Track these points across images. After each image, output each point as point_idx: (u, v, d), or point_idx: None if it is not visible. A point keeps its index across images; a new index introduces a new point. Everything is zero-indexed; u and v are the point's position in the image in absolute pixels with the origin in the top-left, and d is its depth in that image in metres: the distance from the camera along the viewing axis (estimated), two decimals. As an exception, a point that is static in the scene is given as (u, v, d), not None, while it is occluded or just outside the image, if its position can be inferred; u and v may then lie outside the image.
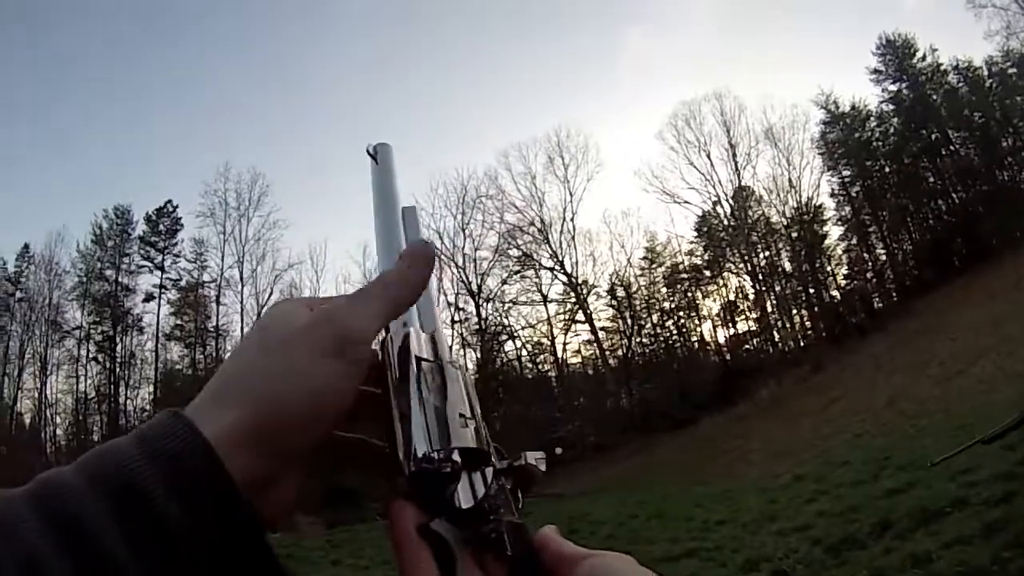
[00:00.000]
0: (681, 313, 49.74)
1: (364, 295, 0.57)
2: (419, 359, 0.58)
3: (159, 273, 48.12)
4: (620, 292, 48.47)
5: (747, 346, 47.94)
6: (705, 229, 49.30)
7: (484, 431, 0.56)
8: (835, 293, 47.46)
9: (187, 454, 0.44)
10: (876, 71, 47.69)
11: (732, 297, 49.10)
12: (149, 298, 47.82)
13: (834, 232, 48.52)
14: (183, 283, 48.56)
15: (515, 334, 47.43)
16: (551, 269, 47.00)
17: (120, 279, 47.35)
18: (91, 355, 46.03)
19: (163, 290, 48.00)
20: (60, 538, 0.39)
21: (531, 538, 0.51)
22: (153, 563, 0.40)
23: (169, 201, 49.50)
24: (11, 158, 59.96)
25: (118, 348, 46.39)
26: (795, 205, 46.12)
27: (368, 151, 0.73)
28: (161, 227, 49.01)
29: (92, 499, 0.41)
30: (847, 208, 48.04)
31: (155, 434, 0.46)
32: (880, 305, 44.81)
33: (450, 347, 0.62)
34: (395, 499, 0.50)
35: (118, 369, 46.20)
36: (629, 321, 48.00)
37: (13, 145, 59.85)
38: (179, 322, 48.18)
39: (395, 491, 0.52)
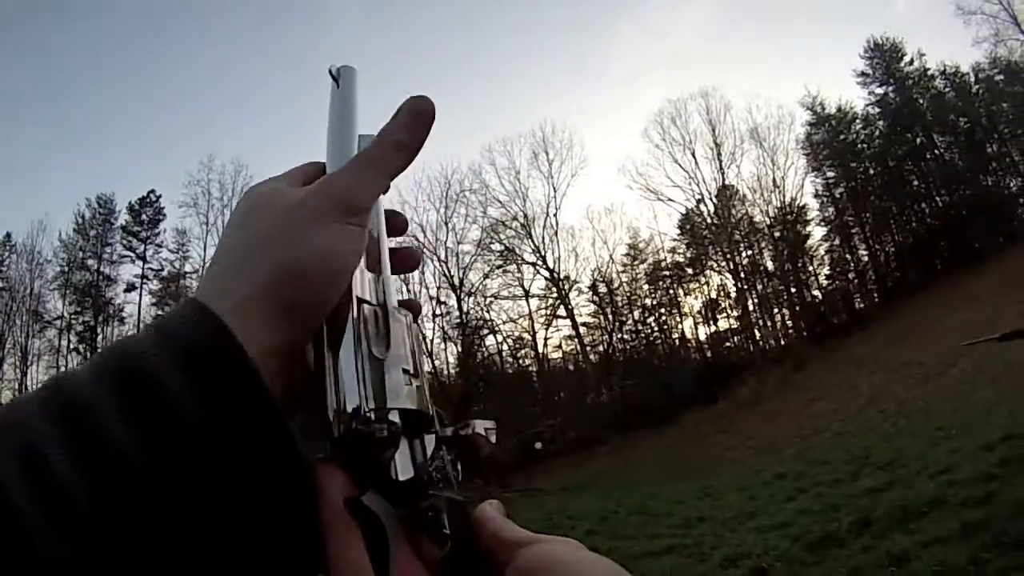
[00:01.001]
0: (663, 310, 49.81)
1: (363, 162, 0.54)
2: (360, 300, 0.51)
3: (141, 263, 47.87)
4: (602, 288, 48.46)
5: (728, 344, 48.10)
6: (688, 227, 49.38)
7: (427, 392, 0.50)
8: (817, 293, 47.68)
9: (200, 336, 0.42)
10: (863, 74, 47.96)
11: (714, 295, 49.21)
12: (131, 288, 47.54)
13: (817, 233, 48.80)
14: (165, 273, 48.30)
15: (496, 328, 47.38)
16: (533, 264, 46.99)
17: (102, 269, 47.06)
18: (72, 345, 45.65)
19: (145, 280, 47.73)
20: (62, 429, 0.38)
21: (471, 517, 0.46)
22: (161, 450, 0.38)
23: (152, 191, 49.21)
24: (-8, 143, 59.53)
25: (99, 338, 46.04)
26: (779, 205, 46.33)
27: (331, 72, 0.64)
28: (144, 217, 48.68)
29: (98, 388, 0.39)
30: (831, 209, 48.26)
31: (169, 322, 0.43)
32: (862, 306, 45.01)
33: (399, 295, 0.56)
34: (322, 463, 0.44)
35: (99, 359, 45.84)
36: (611, 317, 48.00)
37: (-6, 132, 59.31)
38: (160, 312, 47.66)
39: (321, 453, 0.45)
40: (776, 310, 46.96)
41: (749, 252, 47.30)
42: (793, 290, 45.89)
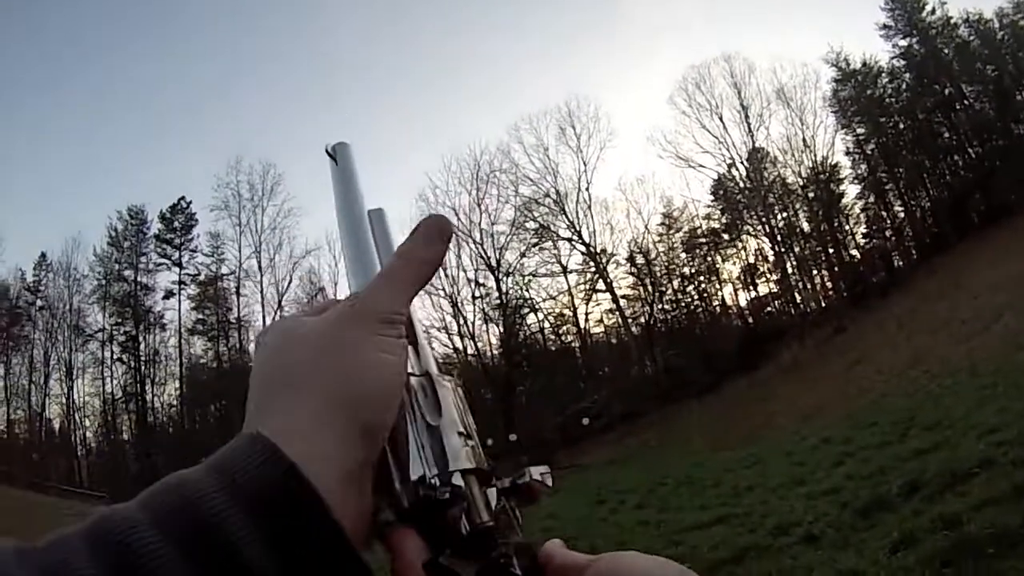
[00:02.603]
0: (701, 278, 49.76)
1: (392, 279, 0.55)
2: (408, 374, 0.53)
3: (177, 269, 48.77)
4: (639, 259, 48.52)
5: (768, 309, 47.87)
6: (721, 192, 49.22)
7: (480, 450, 0.52)
8: (854, 252, 47.23)
9: (268, 475, 0.40)
10: (886, 26, 47.20)
11: (752, 260, 49.07)
12: (169, 295, 48.64)
13: (851, 191, 48.39)
14: (202, 277, 49.24)
15: (536, 307, 47.53)
16: (569, 240, 47.15)
17: (139, 279, 48.21)
18: (115, 356, 46.90)
19: (182, 286, 48.79)
20: None
21: (538, 556, 0.48)
22: None
23: (182, 198, 50.13)
24: (23, 168, 60.57)
25: (141, 347, 47.12)
26: (810, 165, 45.91)
27: (327, 151, 0.68)
28: (176, 224, 49.51)
29: (157, 539, 0.36)
30: (863, 166, 47.71)
31: (230, 457, 0.41)
32: (900, 264, 44.54)
33: (436, 360, 0.59)
34: (395, 530, 0.47)
35: (143, 368, 47.18)
36: (650, 288, 48.00)
37: (22, 156, 60.36)
38: (201, 316, 48.91)
39: (391, 520, 0.48)
40: (815, 272, 46.65)
41: (784, 214, 46.98)
42: (831, 251, 45.46)
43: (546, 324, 48.47)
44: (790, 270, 46.63)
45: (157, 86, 68.56)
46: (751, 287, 49.23)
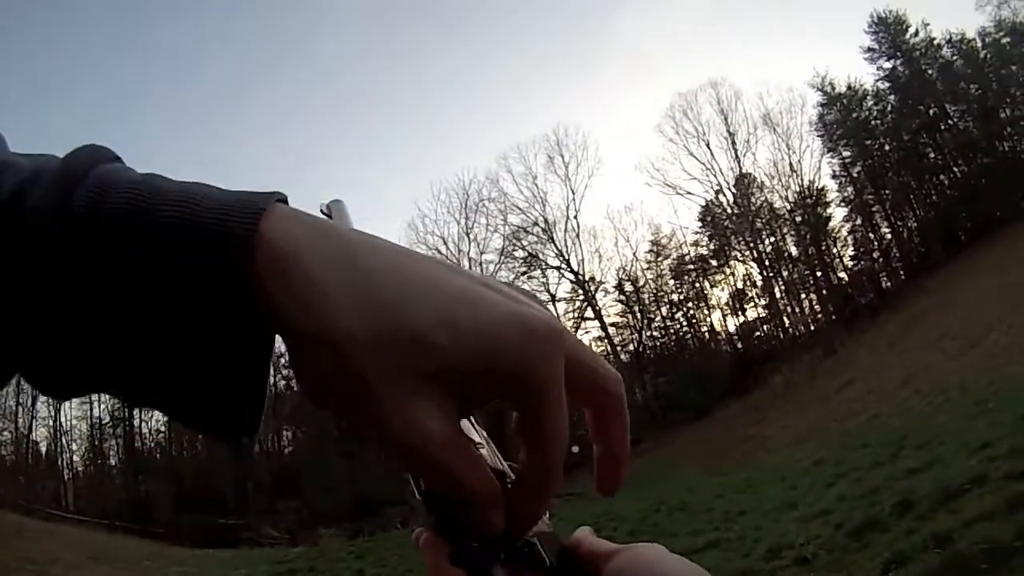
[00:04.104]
0: (690, 304, 49.93)
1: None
2: None
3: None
4: (628, 287, 48.67)
5: (758, 333, 47.97)
6: (709, 219, 49.34)
7: (498, 454, 0.52)
8: (843, 275, 47.43)
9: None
10: (870, 49, 47.52)
11: (740, 285, 49.30)
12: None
13: (838, 214, 48.63)
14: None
15: (525, 336, 47.01)
16: (557, 268, 47.14)
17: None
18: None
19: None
20: None
21: (564, 543, 0.48)
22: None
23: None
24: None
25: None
26: (797, 189, 46.04)
27: (321, 210, 0.66)
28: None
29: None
30: (849, 189, 47.96)
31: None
32: (888, 284, 44.71)
33: None
34: (423, 532, 0.45)
35: (131, 393, 46.51)
36: (639, 315, 48.14)
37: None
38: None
39: (416, 516, 0.47)
40: (804, 295, 46.78)
41: (772, 239, 47.10)
42: (819, 274, 45.61)
43: (535, 353, 48.05)
44: (779, 294, 46.79)
45: (165, 101, 68.65)
46: (740, 312, 49.37)
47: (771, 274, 46.89)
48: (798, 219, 45.67)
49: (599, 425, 0.44)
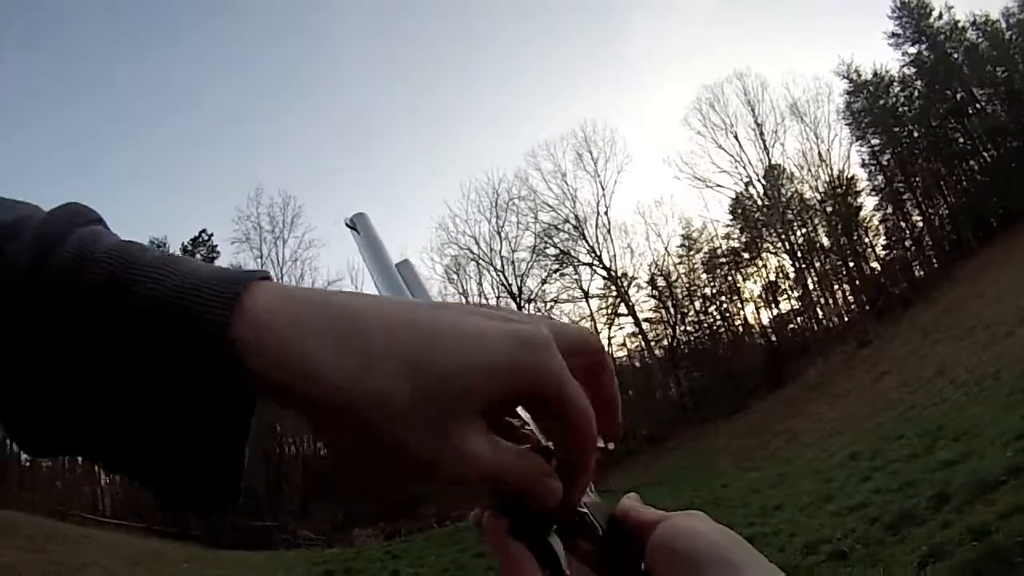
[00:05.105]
0: (723, 298, 49.48)
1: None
2: None
3: (200, 304, 48.81)
4: (660, 282, 48.30)
5: (792, 326, 47.53)
6: (740, 211, 48.87)
7: (536, 432, 0.52)
8: (875, 265, 46.83)
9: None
10: (894, 34, 46.90)
11: (773, 277, 48.70)
12: (190, 329, 48.54)
13: (869, 203, 47.96)
14: (226, 312, 49.19)
15: (559, 333, 47.07)
16: (590, 264, 46.90)
17: (161, 314, 48.13)
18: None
19: (205, 319, 48.65)
20: None
21: (612, 511, 0.51)
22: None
23: (204, 230, 50.39)
24: (41, 201, 61.13)
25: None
26: (827, 179, 45.45)
27: (347, 224, 0.72)
28: (198, 256, 49.51)
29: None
30: (879, 177, 47.32)
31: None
32: (921, 273, 44.05)
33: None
34: (485, 511, 0.48)
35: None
36: (672, 310, 47.82)
37: (39, 188, 61.28)
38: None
39: (474, 501, 0.50)
40: (836, 286, 46.22)
41: (803, 230, 46.56)
42: (851, 264, 45.05)
43: (569, 350, 48.05)
44: (811, 286, 46.24)
45: (178, 120, 69.42)
46: (773, 305, 48.96)
47: (803, 265, 46.38)
48: (829, 209, 45.16)
49: (590, 377, 0.47)
